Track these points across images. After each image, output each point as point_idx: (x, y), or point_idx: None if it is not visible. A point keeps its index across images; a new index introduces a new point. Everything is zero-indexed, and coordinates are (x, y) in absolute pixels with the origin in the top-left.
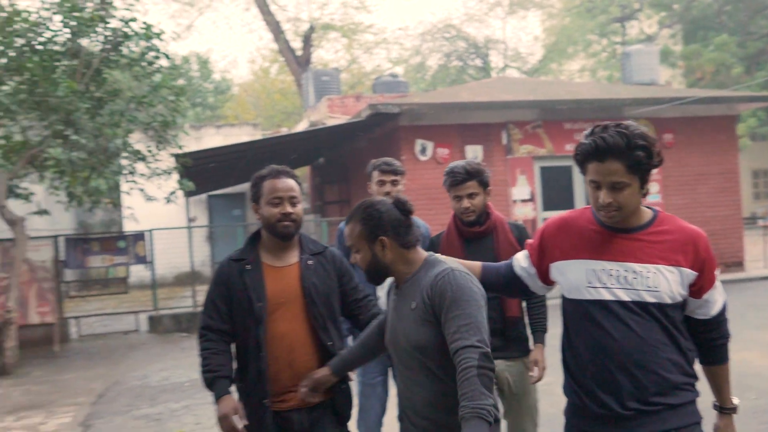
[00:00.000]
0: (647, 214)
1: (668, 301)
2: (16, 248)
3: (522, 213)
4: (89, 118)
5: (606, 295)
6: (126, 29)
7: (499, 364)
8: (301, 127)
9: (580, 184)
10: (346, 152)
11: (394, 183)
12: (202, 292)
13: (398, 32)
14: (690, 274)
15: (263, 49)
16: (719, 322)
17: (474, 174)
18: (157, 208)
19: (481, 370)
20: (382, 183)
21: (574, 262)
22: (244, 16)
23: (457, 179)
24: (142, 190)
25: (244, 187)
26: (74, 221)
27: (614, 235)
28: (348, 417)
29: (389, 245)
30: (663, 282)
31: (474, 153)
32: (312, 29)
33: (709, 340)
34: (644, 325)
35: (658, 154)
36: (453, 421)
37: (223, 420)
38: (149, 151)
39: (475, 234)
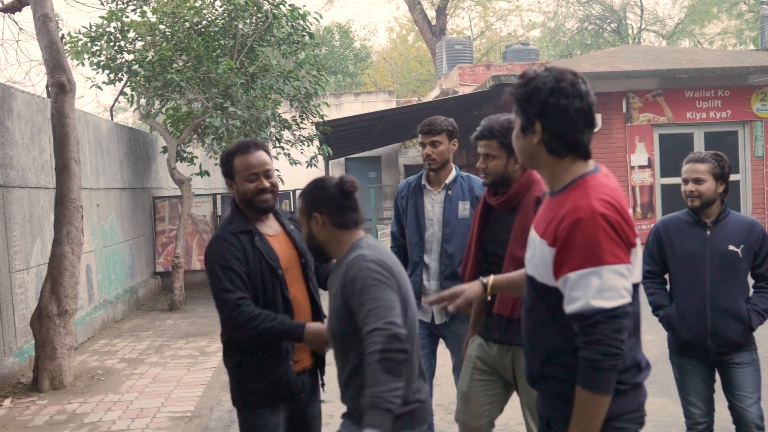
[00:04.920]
0: (570, 177)
1: (538, 278)
2: (183, 204)
3: (640, 179)
4: (243, 91)
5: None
6: (275, 11)
7: (501, 349)
8: (433, 94)
9: (700, 150)
10: (474, 119)
11: (434, 144)
12: None
13: None
14: (550, 250)
15: (401, 18)
16: (579, 326)
17: (498, 133)
18: (300, 170)
19: (384, 354)
20: (423, 145)
21: None
22: None
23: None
24: (288, 154)
25: (380, 151)
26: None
27: (546, 200)
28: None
29: (322, 223)
30: (538, 256)
31: None
32: None
33: (578, 344)
34: (530, 300)
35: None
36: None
37: (317, 338)
38: (294, 120)
39: (497, 205)
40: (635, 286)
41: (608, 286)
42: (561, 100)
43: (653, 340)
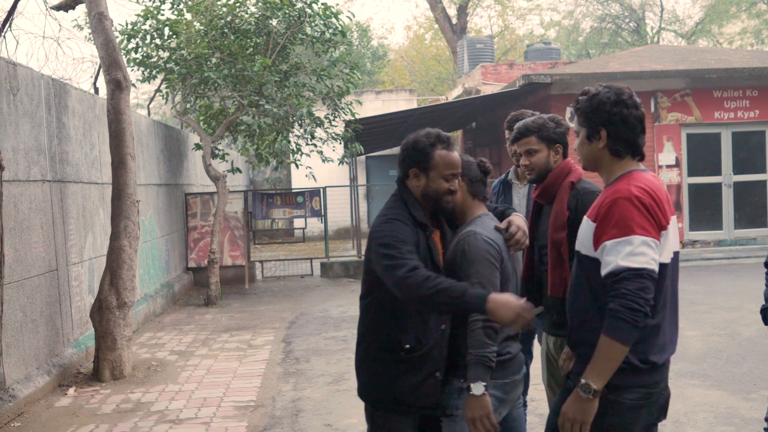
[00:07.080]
0: (621, 171)
1: (583, 251)
2: (219, 200)
3: (667, 178)
4: (277, 89)
5: None
6: (308, 10)
7: (555, 342)
8: (455, 93)
9: (728, 150)
10: (498, 117)
11: (529, 153)
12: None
13: None
14: (592, 224)
15: (419, 17)
16: (608, 285)
17: (534, 129)
18: (321, 167)
19: (486, 323)
20: (515, 155)
21: None
22: None
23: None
24: (320, 152)
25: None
26: (247, 179)
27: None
28: None
29: (462, 187)
30: (583, 231)
31: None
32: None
33: (607, 299)
34: (575, 273)
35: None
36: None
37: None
38: (326, 118)
39: (537, 197)
40: (663, 266)
41: (637, 251)
42: (623, 110)
43: (696, 336)
